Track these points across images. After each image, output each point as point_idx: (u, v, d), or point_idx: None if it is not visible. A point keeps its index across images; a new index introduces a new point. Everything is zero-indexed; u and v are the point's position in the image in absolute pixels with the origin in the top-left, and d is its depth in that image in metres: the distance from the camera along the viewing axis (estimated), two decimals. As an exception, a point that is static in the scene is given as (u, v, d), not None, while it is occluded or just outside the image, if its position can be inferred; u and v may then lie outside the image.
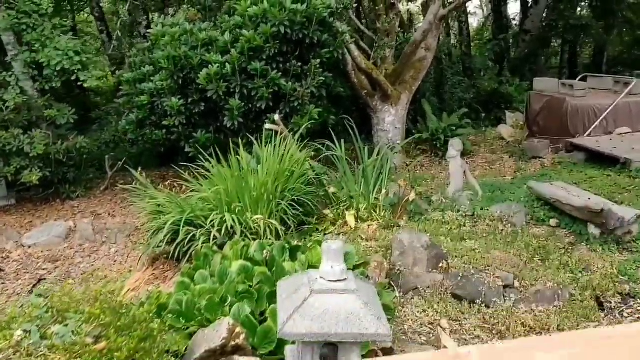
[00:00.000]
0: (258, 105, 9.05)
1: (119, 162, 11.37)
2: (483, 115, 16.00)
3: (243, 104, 9.02)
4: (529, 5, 19.01)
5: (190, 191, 7.46)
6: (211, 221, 6.35)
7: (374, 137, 11.46)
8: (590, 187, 8.26)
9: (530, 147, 10.48)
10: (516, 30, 19.42)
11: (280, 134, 8.51)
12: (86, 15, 20.95)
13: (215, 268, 5.11)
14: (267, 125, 8.71)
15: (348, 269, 2.39)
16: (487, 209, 7.31)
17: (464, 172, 8.06)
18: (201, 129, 9.55)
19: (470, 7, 27.51)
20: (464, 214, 7.24)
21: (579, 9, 19.24)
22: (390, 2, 11.12)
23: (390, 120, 11.16)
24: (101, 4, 17.58)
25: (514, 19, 20.89)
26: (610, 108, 10.08)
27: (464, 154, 11.36)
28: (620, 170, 8.76)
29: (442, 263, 5.90)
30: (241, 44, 8.85)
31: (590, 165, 9.43)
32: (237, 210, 6.48)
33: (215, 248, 5.64)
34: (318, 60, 9.11)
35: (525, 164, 10.24)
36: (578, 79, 11.78)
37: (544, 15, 18.15)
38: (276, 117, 8.79)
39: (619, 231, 6.13)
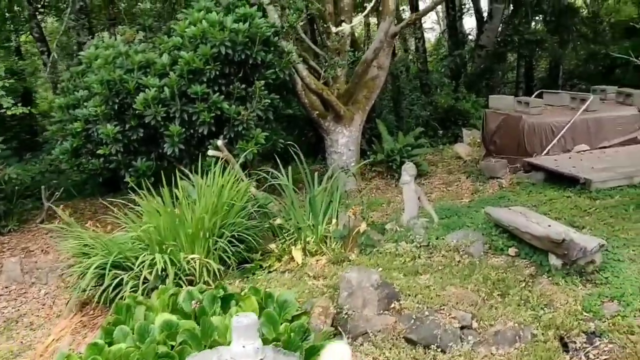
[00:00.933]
0: (200, 131, 8.48)
1: (57, 192, 10.62)
2: (441, 132, 15.73)
3: (184, 129, 8.44)
4: (484, 20, 18.91)
5: (122, 228, 6.83)
6: (140, 263, 5.74)
7: (327, 159, 10.97)
8: (550, 210, 7.91)
9: (488, 167, 10.12)
10: (471, 45, 19.26)
11: (225, 160, 7.97)
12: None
13: (137, 322, 4.52)
14: (210, 152, 8.17)
15: (287, 320, 1.93)
16: (443, 238, 6.87)
17: (419, 198, 7.61)
18: (142, 156, 8.92)
19: (428, 22, 27.53)
20: (418, 245, 6.78)
21: (533, 24, 19.18)
22: (340, 20, 10.70)
23: (344, 142, 10.70)
24: (43, 24, 16.83)
25: (469, 34, 20.78)
26: (568, 125, 9.81)
27: (420, 175, 11.00)
28: (580, 190, 8.43)
29: (394, 303, 5.42)
30: (180, 66, 8.29)
31: (550, 186, 9.09)
32: (169, 250, 5.88)
33: (140, 298, 5.04)
34: (263, 82, 8.59)
35: (482, 185, 9.87)
36: (534, 95, 11.53)
37: (499, 30, 18.04)
38: (219, 142, 8.25)
39: (581, 261, 5.73)
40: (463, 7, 21.43)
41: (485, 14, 19.36)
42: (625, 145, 9.97)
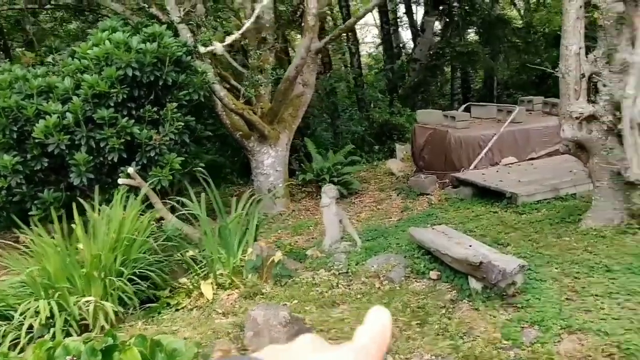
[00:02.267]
0: (110, 158, 7.92)
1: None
2: (377, 147, 15.52)
3: (92, 157, 7.87)
4: (418, 34, 18.91)
5: (9, 271, 6.21)
6: (23, 312, 5.17)
7: (254, 181, 10.54)
8: (476, 226, 7.68)
9: (417, 184, 9.89)
10: (404, 59, 19.17)
11: (137, 188, 7.46)
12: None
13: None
14: (121, 180, 7.64)
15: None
16: (364, 264, 6.52)
17: (341, 221, 7.25)
18: (50, 186, 8.29)
19: (369, 37, 27.51)
20: (337, 272, 6.40)
21: (466, 36, 19.28)
22: (262, 37, 10.33)
23: (270, 162, 10.30)
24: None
25: (403, 47, 20.75)
26: (495, 139, 9.66)
27: (351, 193, 10.70)
28: (506, 205, 8.25)
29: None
30: (84, 90, 7.74)
31: (478, 201, 8.90)
32: (57, 295, 5.32)
33: (12, 354, 4.48)
34: (175, 104, 8.11)
35: (412, 202, 9.61)
36: (462, 108, 11.41)
37: (432, 43, 18.03)
38: (130, 170, 7.72)
39: (502, 283, 5.45)
40: (398, 20, 21.43)
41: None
42: (552, 155, 9.89)
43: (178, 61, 8.20)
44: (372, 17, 22.78)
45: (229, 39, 4.75)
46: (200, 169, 9.25)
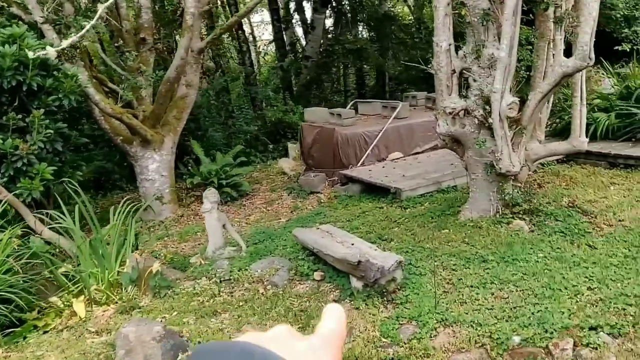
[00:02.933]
0: (-30, 171, 7.30)
1: None
2: (271, 146, 15.37)
3: (-52, 170, 7.22)
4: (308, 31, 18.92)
5: None
6: None
7: (139, 188, 10.09)
8: (362, 223, 7.71)
9: (307, 182, 9.83)
10: (295, 57, 19.10)
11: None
12: None
13: None
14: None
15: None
16: (247, 269, 6.35)
17: (224, 226, 7.05)
18: None
19: (266, 34, 27.21)
20: (219, 279, 6.20)
21: (358, 33, 19.49)
22: (140, 37, 9.89)
23: (155, 167, 9.88)
24: None
25: (293, 45, 20.63)
26: (380, 135, 9.78)
27: (242, 195, 10.49)
28: (392, 200, 8.35)
29: (181, 355, 4.77)
30: None
31: (366, 197, 8.96)
32: None
33: None
34: (42, 110, 7.58)
35: (302, 202, 9.54)
36: (349, 105, 11.49)
37: (322, 40, 18.09)
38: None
39: (382, 280, 5.46)
40: (290, 17, 21.32)
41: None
42: (436, 149, 10.15)
43: (44, 64, 7.66)
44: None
45: (65, 43, 4.40)
46: (77, 177, 8.78)
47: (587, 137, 9.80)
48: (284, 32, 20.67)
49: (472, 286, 5.43)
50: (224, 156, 10.94)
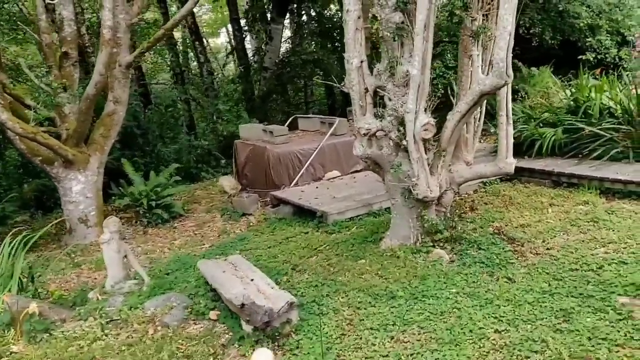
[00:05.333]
0: None
1: None
2: (223, 162, 14.85)
3: None
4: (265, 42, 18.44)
5: None
6: None
7: (63, 211, 9.51)
8: (282, 251, 7.21)
9: (239, 203, 9.31)
10: (241, 69, 18.52)
11: None
12: None
13: None
14: None
15: None
16: (139, 307, 5.81)
17: (125, 257, 6.51)
18: None
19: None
20: (107, 319, 5.65)
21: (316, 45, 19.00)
22: (63, 51, 9.34)
23: (79, 189, 9.32)
24: None
25: (253, 56, 20.11)
26: (315, 153, 9.27)
27: (174, 217, 9.95)
28: (318, 225, 7.86)
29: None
30: None
31: (296, 220, 8.46)
32: None
33: None
34: None
35: (232, 225, 9.02)
36: (289, 121, 10.98)
37: (280, 51, 17.62)
38: None
39: (276, 322, 4.95)
40: (251, 27, 20.81)
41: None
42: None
43: None
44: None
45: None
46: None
47: (534, 153, 9.48)
48: (243, 43, 20.19)
49: (372, 328, 4.92)
50: (157, 175, 10.38)
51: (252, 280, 5.51)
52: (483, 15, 5.88)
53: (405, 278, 5.73)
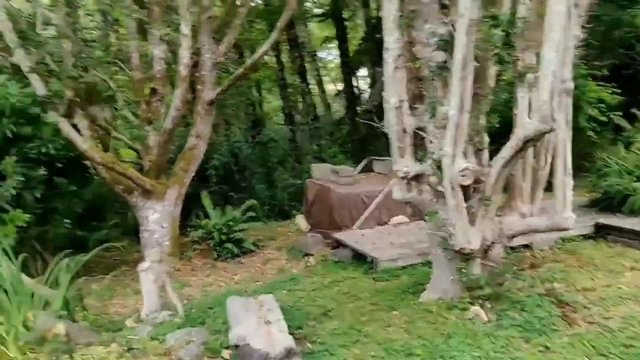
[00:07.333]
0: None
1: None
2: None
3: None
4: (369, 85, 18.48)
5: None
6: None
7: (140, 238, 9.94)
8: (323, 295, 6.97)
9: (303, 243, 9.20)
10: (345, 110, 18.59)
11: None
12: None
13: None
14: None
15: None
16: (158, 338, 5.82)
17: (163, 287, 6.60)
18: None
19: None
20: (127, 348, 5.70)
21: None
22: (152, 87, 9.90)
23: (155, 218, 9.70)
24: None
25: (358, 99, 20.14)
26: (381, 196, 8.97)
27: (244, 252, 10.02)
28: (367, 271, 7.54)
29: None
30: None
31: (352, 264, 8.19)
32: None
33: None
34: (14, 157, 7.63)
35: (292, 264, 8.92)
36: (363, 163, 10.76)
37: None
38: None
39: (275, 368, 4.73)
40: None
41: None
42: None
43: (22, 112, 7.76)
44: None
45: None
46: (65, 225, 8.79)
47: (627, 210, 8.55)
48: (353, 85, 20.38)
49: (373, 386, 4.55)
50: (233, 210, 10.56)
51: (267, 321, 5.34)
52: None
53: (430, 335, 5.28)
